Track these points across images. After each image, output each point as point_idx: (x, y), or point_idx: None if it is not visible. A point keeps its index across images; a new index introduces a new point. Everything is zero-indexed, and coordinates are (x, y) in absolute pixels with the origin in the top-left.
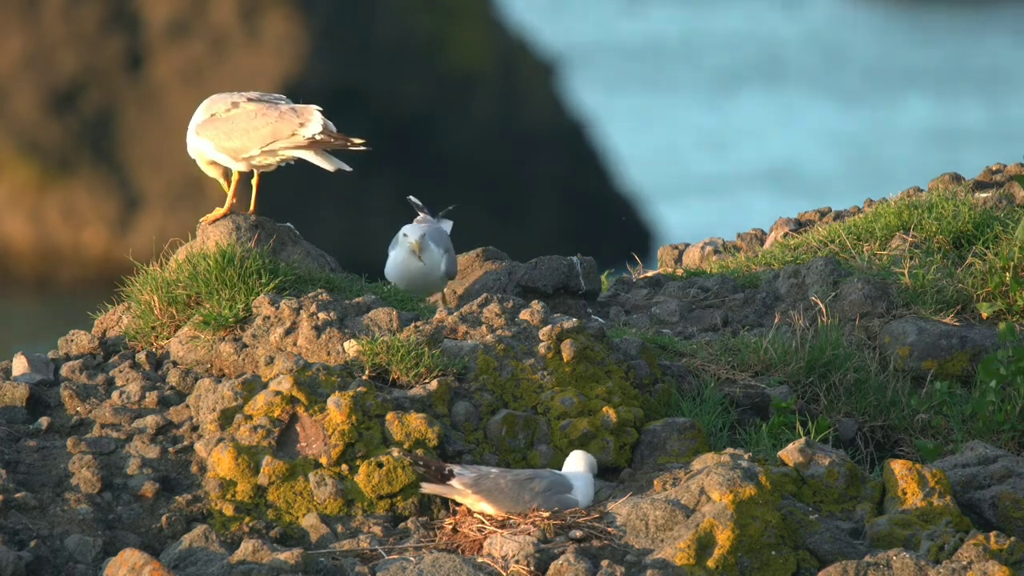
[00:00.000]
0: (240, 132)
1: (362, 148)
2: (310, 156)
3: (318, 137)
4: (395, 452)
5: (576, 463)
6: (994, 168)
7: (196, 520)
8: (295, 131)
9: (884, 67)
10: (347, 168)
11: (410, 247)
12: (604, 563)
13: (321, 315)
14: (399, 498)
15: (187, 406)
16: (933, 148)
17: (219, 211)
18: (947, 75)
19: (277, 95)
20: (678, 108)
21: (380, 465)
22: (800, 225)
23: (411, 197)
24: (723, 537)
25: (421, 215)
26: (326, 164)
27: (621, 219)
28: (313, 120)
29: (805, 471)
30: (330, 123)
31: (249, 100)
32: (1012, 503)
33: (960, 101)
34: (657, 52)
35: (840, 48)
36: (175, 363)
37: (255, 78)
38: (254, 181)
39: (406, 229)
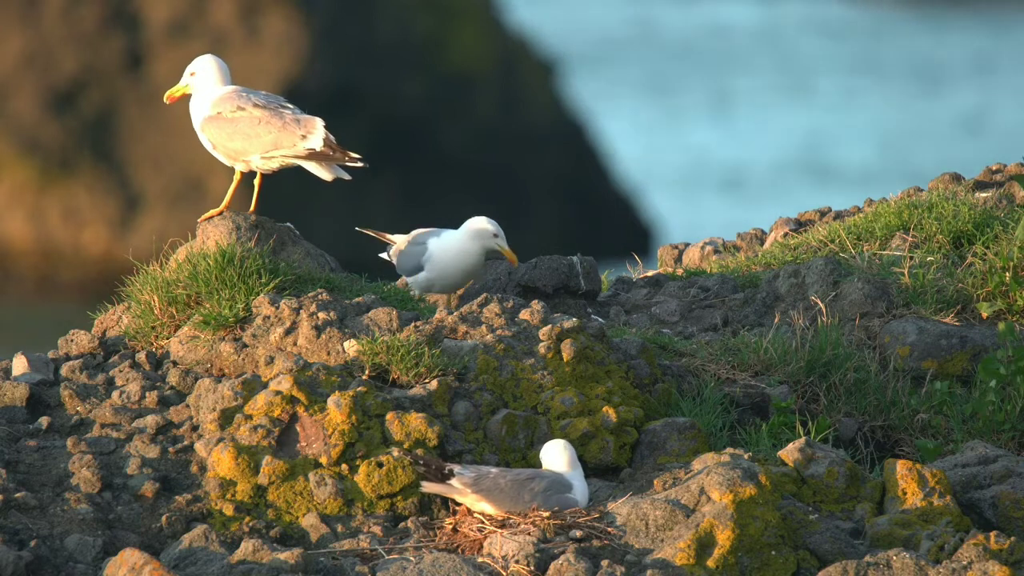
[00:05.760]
0: (242, 136)
1: (359, 165)
2: (309, 165)
3: (319, 150)
4: (395, 452)
5: (558, 456)
6: (994, 168)
7: (196, 520)
8: (296, 142)
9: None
10: (346, 176)
11: (496, 244)
12: (604, 563)
13: (321, 315)
14: (399, 498)
15: (187, 406)
16: None
17: (214, 211)
18: None
19: (283, 100)
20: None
21: (380, 465)
22: (800, 225)
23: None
24: (723, 537)
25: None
26: (324, 173)
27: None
28: (316, 133)
29: (805, 471)
30: (331, 136)
31: (255, 105)
32: (1012, 503)
33: None
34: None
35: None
36: (175, 363)
37: (255, 78)
38: (256, 181)
39: (488, 224)
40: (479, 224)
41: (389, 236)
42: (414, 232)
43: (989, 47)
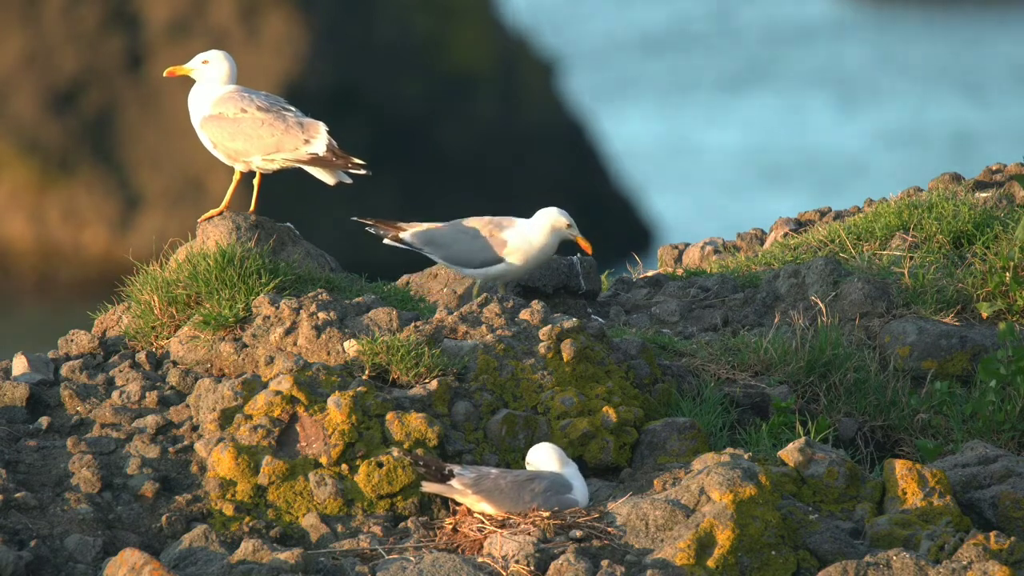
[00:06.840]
0: (244, 137)
1: (362, 172)
2: (310, 168)
3: (322, 155)
4: (395, 452)
5: (548, 457)
6: (994, 168)
7: (196, 520)
8: (299, 147)
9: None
10: (347, 180)
11: (572, 234)
12: (604, 563)
13: (321, 315)
14: (399, 498)
15: (187, 406)
16: None
17: (214, 211)
18: None
19: (284, 102)
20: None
21: (380, 465)
22: (800, 225)
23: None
24: (723, 537)
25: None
26: (326, 177)
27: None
28: (319, 138)
29: (805, 471)
30: (334, 141)
31: (259, 108)
32: (1012, 503)
33: None
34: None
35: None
36: (175, 363)
37: (255, 78)
38: (255, 181)
39: (561, 215)
40: (554, 216)
41: (403, 224)
42: (465, 221)
43: None
